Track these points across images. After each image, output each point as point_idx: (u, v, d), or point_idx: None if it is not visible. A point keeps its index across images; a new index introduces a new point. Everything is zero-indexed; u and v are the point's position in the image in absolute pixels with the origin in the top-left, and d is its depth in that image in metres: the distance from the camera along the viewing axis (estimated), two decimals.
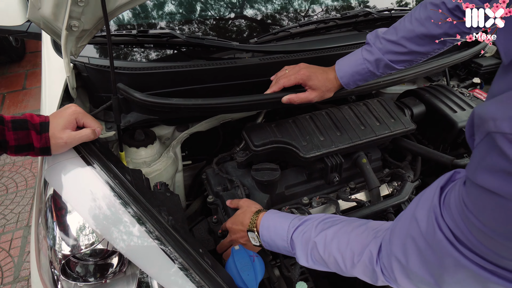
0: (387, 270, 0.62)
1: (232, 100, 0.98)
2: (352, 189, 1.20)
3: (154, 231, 0.72)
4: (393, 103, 1.31)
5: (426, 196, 0.54)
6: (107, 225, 0.74)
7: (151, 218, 0.74)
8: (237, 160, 1.16)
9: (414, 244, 0.53)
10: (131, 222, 0.73)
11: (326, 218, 0.79)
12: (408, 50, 0.88)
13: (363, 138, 1.16)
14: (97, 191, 0.78)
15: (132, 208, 0.75)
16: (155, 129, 1.29)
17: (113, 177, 0.80)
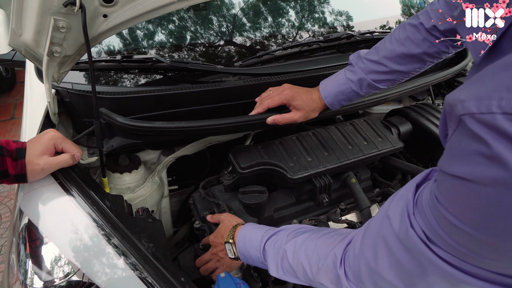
0: (353, 273, 0.58)
1: (216, 122, 0.96)
2: (342, 210, 1.17)
3: (132, 260, 0.69)
4: (379, 122, 1.31)
5: (401, 193, 0.52)
6: (84, 255, 0.70)
7: (130, 246, 0.71)
8: (224, 183, 1.14)
9: (385, 244, 0.50)
10: (108, 251, 0.70)
11: (300, 228, 0.77)
12: (389, 69, 0.89)
13: (351, 157, 1.15)
14: (74, 219, 0.75)
15: (110, 235, 0.72)
16: (140, 154, 1.27)
17: (91, 203, 0.77)
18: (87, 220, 0.74)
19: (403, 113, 1.36)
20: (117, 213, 0.78)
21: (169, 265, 0.73)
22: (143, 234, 0.77)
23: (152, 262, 0.70)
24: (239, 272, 1.05)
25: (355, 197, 1.16)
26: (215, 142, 1.26)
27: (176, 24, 1.31)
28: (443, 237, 0.42)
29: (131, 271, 0.68)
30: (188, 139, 1.16)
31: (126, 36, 1.25)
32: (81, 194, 0.79)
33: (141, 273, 0.68)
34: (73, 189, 0.80)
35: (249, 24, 1.39)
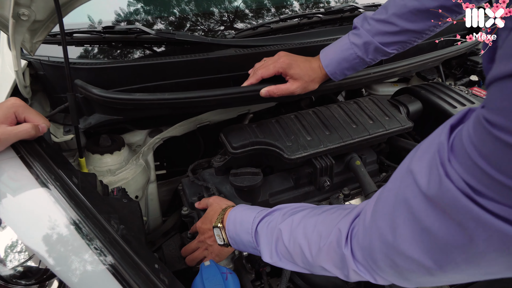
0: (362, 252, 0.47)
1: (202, 94, 0.86)
2: (346, 196, 1.06)
3: (96, 243, 0.58)
4: (386, 101, 1.19)
5: (427, 142, 0.40)
6: (40, 237, 0.60)
7: (95, 227, 0.60)
8: (214, 165, 1.03)
9: (407, 208, 0.38)
10: (68, 233, 0.59)
11: (298, 206, 0.66)
12: (400, 29, 0.78)
13: (355, 137, 1.04)
14: (34, 196, 0.65)
15: (72, 214, 0.61)
16: (126, 135, 1.16)
17: (54, 179, 0.67)
18: (48, 198, 0.64)
19: (412, 91, 1.24)
20: (84, 191, 0.68)
21: (141, 250, 0.62)
22: (113, 215, 0.66)
23: (120, 245, 0.60)
24: (230, 263, 0.94)
25: (360, 181, 1.04)
26: (206, 122, 1.16)
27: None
28: (502, 181, 0.29)
29: (94, 255, 0.57)
30: (175, 114, 1.04)
31: (108, 6, 1.15)
32: (43, 170, 0.68)
33: (105, 257, 0.57)
34: (35, 164, 0.69)
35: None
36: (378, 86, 1.49)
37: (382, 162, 1.20)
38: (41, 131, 0.73)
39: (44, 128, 0.74)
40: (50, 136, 0.92)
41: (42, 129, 0.73)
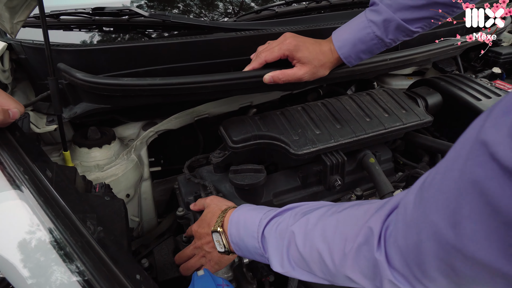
0: (402, 257, 0.36)
1: (197, 79, 0.76)
2: (358, 197, 0.95)
3: (66, 247, 0.48)
4: (402, 93, 1.09)
5: (506, 102, 0.28)
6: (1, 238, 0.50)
7: (66, 228, 0.50)
8: (212, 161, 0.93)
9: (479, 193, 0.27)
10: (31, 231, 0.50)
11: (313, 204, 0.56)
12: (426, 2, 0.67)
13: (369, 131, 0.93)
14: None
15: (39, 211, 0.52)
16: (118, 128, 1.07)
17: (22, 172, 0.57)
18: (13, 193, 0.54)
19: (431, 83, 1.13)
20: (58, 187, 0.58)
21: (121, 256, 0.52)
22: (90, 214, 0.57)
23: (95, 251, 0.50)
24: (229, 271, 0.84)
25: (375, 181, 0.94)
26: (204, 115, 1.06)
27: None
28: None
29: (61, 262, 0.47)
30: (169, 105, 0.94)
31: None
32: (11, 161, 0.59)
33: (75, 266, 0.47)
34: (2, 155, 0.60)
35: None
36: (390, 79, 1.39)
37: (397, 160, 1.10)
38: (12, 117, 0.64)
39: (15, 113, 0.64)
40: (30, 126, 0.83)
41: (13, 115, 0.64)
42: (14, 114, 0.64)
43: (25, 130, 0.82)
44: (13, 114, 0.64)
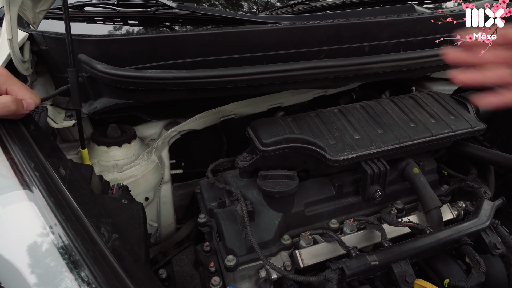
0: None
1: (226, 73, 0.69)
2: (399, 211, 0.85)
3: (75, 256, 0.41)
4: (449, 97, 0.98)
5: None
6: (5, 242, 0.44)
7: (75, 232, 0.43)
8: (239, 165, 0.85)
9: None
10: (38, 237, 0.43)
11: None
12: None
13: (415, 138, 0.83)
14: (5, 188, 0.49)
15: (48, 214, 0.45)
16: (139, 127, 1.01)
17: (33, 168, 0.51)
18: (21, 193, 0.48)
19: None
20: (71, 186, 0.52)
21: (137, 270, 0.45)
22: (105, 219, 0.50)
23: (108, 262, 0.43)
24: (254, 287, 0.76)
25: (419, 193, 0.84)
26: (231, 115, 0.98)
27: None
28: None
29: (70, 275, 0.40)
30: (194, 103, 0.87)
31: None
32: (22, 155, 0.53)
33: (84, 277, 0.40)
34: (14, 148, 0.54)
35: None
36: (431, 84, 1.28)
37: (441, 171, 0.99)
38: (26, 108, 0.58)
39: (30, 104, 0.58)
40: (47, 120, 0.78)
41: (27, 106, 0.58)
42: (29, 105, 0.59)
43: (41, 125, 0.77)
44: (27, 105, 0.58)
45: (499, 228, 0.73)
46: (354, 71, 0.75)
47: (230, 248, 0.73)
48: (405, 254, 0.66)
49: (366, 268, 0.63)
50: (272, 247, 0.76)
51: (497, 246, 0.70)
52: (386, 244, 0.70)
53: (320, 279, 0.62)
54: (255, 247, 0.68)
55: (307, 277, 0.64)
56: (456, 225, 0.72)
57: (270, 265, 0.67)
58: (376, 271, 0.65)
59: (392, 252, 0.66)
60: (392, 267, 0.65)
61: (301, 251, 0.73)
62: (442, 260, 0.74)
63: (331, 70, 0.74)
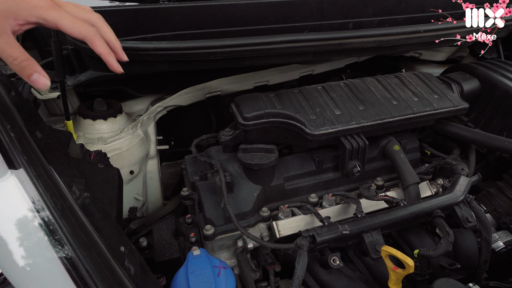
0: None
1: (206, 44, 0.69)
2: (379, 187, 0.87)
3: (41, 207, 0.43)
4: (434, 77, 0.99)
5: None
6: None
7: (45, 187, 0.45)
8: (221, 139, 0.86)
9: None
10: (8, 188, 0.45)
11: None
12: None
13: (395, 115, 0.84)
14: None
15: (19, 169, 0.47)
16: (126, 103, 1.02)
17: (9, 130, 0.52)
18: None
19: (468, 68, 1.02)
20: (47, 148, 0.53)
21: (106, 226, 0.47)
22: (78, 180, 0.51)
23: (76, 217, 0.44)
24: (232, 257, 0.78)
25: (398, 170, 0.85)
26: (216, 92, 0.99)
27: None
28: None
29: (36, 225, 0.42)
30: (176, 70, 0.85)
31: None
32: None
33: (51, 229, 0.42)
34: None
35: None
36: (421, 66, 1.28)
37: (424, 151, 1.00)
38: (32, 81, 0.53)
39: (37, 83, 0.53)
40: (31, 91, 0.79)
41: (33, 82, 0.54)
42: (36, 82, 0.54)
43: (25, 96, 0.79)
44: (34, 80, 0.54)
45: (473, 202, 0.74)
46: (334, 45, 0.75)
47: (209, 218, 0.75)
48: (377, 224, 0.67)
49: (337, 236, 0.64)
50: (251, 219, 0.77)
51: (468, 219, 0.71)
52: (360, 216, 0.71)
53: (292, 246, 0.64)
54: (232, 216, 0.69)
55: (280, 245, 0.66)
56: (429, 198, 0.73)
57: (246, 234, 0.69)
58: (348, 240, 0.66)
59: (364, 223, 0.67)
60: (364, 236, 0.66)
61: (278, 222, 0.75)
62: (415, 233, 0.75)
63: (312, 44, 0.74)
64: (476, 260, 0.72)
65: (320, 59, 0.93)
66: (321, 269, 0.67)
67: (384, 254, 0.59)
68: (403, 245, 0.75)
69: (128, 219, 0.93)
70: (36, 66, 0.50)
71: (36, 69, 0.50)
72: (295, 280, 0.59)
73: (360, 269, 0.72)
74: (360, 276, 0.71)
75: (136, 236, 0.82)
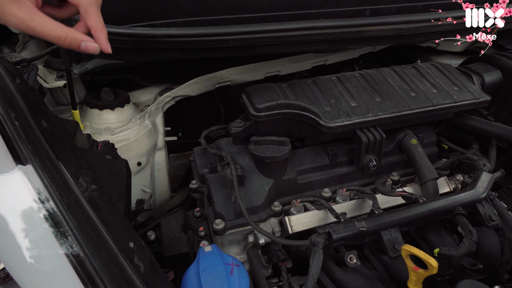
0: None
1: (218, 31, 0.66)
2: (394, 182, 0.83)
3: (46, 199, 0.41)
4: (454, 68, 0.94)
5: None
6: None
7: (51, 179, 0.43)
8: (232, 131, 0.83)
9: None
10: (12, 179, 0.42)
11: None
12: None
13: (413, 107, 0.80)
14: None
15: (25, 162, 0.44)
16: (134, 93, 1.00)
17: (13, 118, 0.50)
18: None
19: (490, 59, 0.98)
20: (52, 137, 0.51)
21: (114, 220, 0.44)
22: (85, 171, 0.49)
23: (83, 210, 0.42)
24: (242, 252, 0.75)
25: (416, 165, 0.81)
26: (226, 82, 0.96)
27: None
28: None
29: (42, 219, 0.40)
30: (185, 58, 0.82)
31: None
32: (3, 105, 0.52)
33: (57, 223, 0.39)
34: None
35: None
36: (437, 57, 1.23)
37: (441, 146, 0.96)
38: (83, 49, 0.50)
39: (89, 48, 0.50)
40: (37, 79, 0.77)
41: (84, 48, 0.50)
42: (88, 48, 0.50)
43: (30, 83, 0.76)
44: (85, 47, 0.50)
45: (496, 200, 0.71)
46: (352, 33, 0.71)
47: (219, 212, 0.73)
48: (395, 221, 0.64)
49: (354, 234, 0.61)
50: (262, 213, 0.75)
51: (492, 218, 0.68)
52: (377, 212, 0.68)
53: (306, 243, 0.62)
54: (243, 210, 0.67)
55: (293, 241, 0.63)
56: (450, 195, 0.70)
57: (258, 229, 0.66)
58: (365, 238, 0.64)
59: (382, 219, 0.64)
60: (381, 234, 0.63)
61: (290, 217, 0.72)
62: (435, 231, 0.72)
63: (328, 31, 0.70)
64: (498, 261, 0.69)
65: (336, 48, 0.89)
66: (336, 267, 0.65)
67: (405, 254, 0.56)
68: (421, 244, 0.72)
69: (136, 212, 0.91)
70: (80, 35, 0.49)
71: (81, 38, 0.49)
72: (310, 278, 0.57)
73: (376, 268, 0.69)
74: (377, 275, 0.68)
75: (143, 229, 0.80)
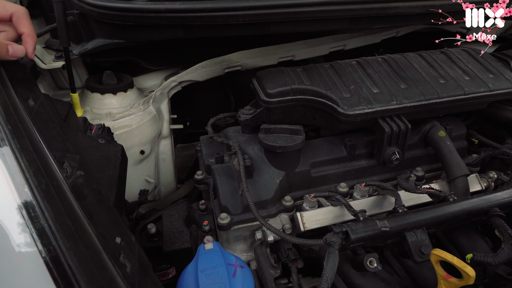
0: None
1: (227, 5, 0.59)
2: (419, 179, 0.75)
3: (21, 186, 0.35)
4: (488, 54, 0.85)
5: None
6: None
7: (29, 163, 0.37)
8: (241, 118, 0.77)
9: None
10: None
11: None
12: None
13: (443, 95, 0.72)
14: None
15: (2, 140, 0.39)
16: (139, 78, 0.94)
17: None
18: None
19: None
20: (38, 117, 0.45)
21: (100, 211, 0.38)
22: (71, 155, 0.43)
23: (64, 198, 0.36)
24: (249, 250, 0.69)
25: (444, 159, 0.73)
26: (236, 67, 0.89)
27: None
28: None
29: (14, 205, 0.34)
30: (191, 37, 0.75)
31: None
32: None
33: (31, 212, 0.34)
34: None
35: None
36: (466, 45, 1.13)
37: (470, 139, 0.87)
38: (12, 54, 0.51)
39: (17, 52, 0.51)
40: (34, 60, 0.72)
41: (13, 52, 0.51)
42: (15, 52, 0.51)
43: (22, 62, 0.71)
44: (13, 51, 0.51)
45: None
46: (376, 9, 0.64)
47: (224, 205, 0.66)
48: (422, 221, 0.57)
49: (375, 234, 0.54)
50: (271, 208, 0.68)
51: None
52: (401, 210, 0.61)
53: (321, 242, 0.55)
54: (250, 204, 0.60)
55: (306, 240, 0.57)
56: (485, 194, 0.62)
57: (266, 225, 0.60)
58: (386, 239, 0.57)
59: (406, 219, 0.57)
60: (406, 235, 0.56)
61: (303, 213, 0.65)
62: (466, 234, 0.64)
63: (350, 7, 0.63)
64: None
65: (358, 28, 0.81)
66: (353, 270, 0.58)
67: (435, 259, 0.49)
68: (450, 248, 0.64)
69: (138, 203, 0.86)
70: (4, 41, 0.51)
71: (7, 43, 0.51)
72: (324, 282, 0.50)
73: (398, 273, 0.62)
74: (399, 280, 0.61)
75: (144, 221, 0.74)
